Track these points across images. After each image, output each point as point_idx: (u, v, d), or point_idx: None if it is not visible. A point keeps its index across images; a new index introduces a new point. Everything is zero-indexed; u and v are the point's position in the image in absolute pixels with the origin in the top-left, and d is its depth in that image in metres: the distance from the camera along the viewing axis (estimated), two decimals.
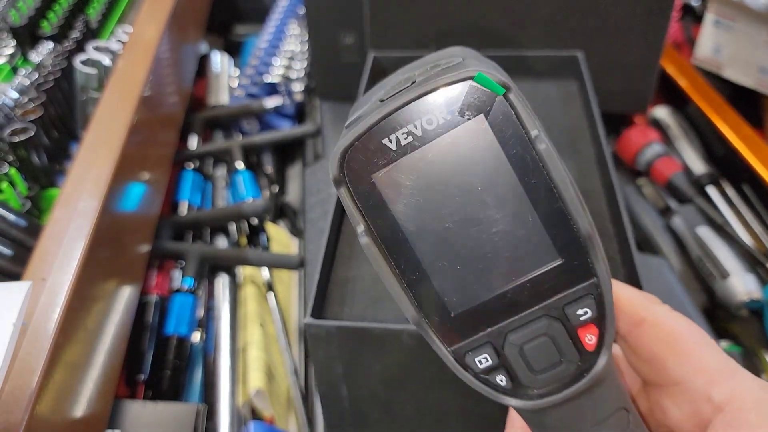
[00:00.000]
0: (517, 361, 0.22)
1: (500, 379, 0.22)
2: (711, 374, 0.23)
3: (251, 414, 0.50)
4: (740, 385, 0.23)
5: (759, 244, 0.62)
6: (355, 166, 0.21)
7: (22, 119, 0.55)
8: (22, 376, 0.34)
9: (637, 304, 0.25)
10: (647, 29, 0.64)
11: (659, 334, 0.24)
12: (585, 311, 0.21)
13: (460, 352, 0.22)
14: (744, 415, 0.22)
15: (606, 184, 0.48)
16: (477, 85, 0.20)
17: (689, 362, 0.24)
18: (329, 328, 0.38)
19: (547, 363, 0.22)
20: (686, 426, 0.24)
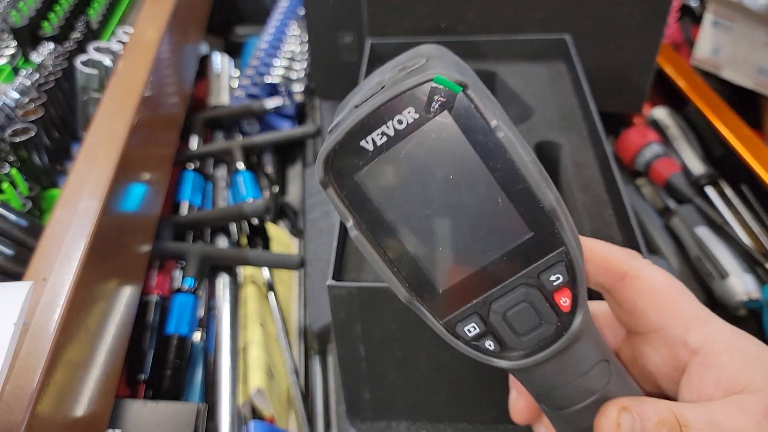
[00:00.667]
0: (502, 327, 0.25)
1: (488, 344, 0.25)
2: (687, 321, 0.26)
3: (252, 413, 0.51)
4: (713, 330, 0.26)
5: (757, 245, 0.63)
6: (338, 167, 0.23)
7: (23, 119, 0.55)
8: (23, 375, 0.35)
9: (620, 260, 0.27)
10: (644, 29, 0.64)
11: (640, 287, 0.26)
12: (557, 277, 0.24)
13: (451, 324, 0.25)
14: (717, 357, 0.25)
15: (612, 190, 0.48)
16: (437, 85, 0.22)
17: (667, 311, 0.26)
18: (350, 289, 0.40)
19: (529, 326, 0.24)
20: (665, 369, 0.27)
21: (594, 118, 0.51)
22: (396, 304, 0.40)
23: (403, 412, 0.48)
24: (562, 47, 0.60)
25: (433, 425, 0.47)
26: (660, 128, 0.77)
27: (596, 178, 0.49)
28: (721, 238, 0.63)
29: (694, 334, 0.25)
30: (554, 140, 0.52)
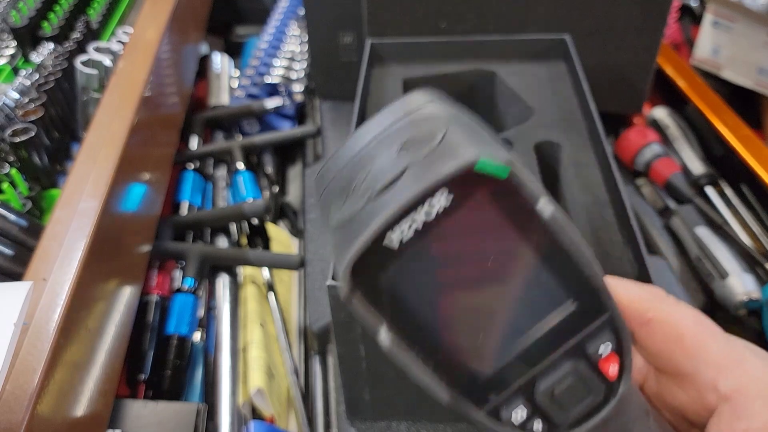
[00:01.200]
0: (550, 405, 0.23)
1: (537, 426, 0.23)
2: (717, 366, 0.24)
3: (252, 413, 0.51)
4: (746, 374, 0.24)
5: (758, 245, 0.63)
6: (363, 274, 0.20)
7: (23, 120, 0.56)
8: (23, 375, 0.35)
9: (644, 304, 0.25)
10: (644, 29, 0.64)
11: (667, 332, 0.25)
12: (605, 344, 0.22)
13: (496, 411, 0.23)
14: (749, 405, 0.23)
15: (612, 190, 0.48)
16: (481, 171, 0.19)
17: (696, 356, 0.24)
18: None
19: (576, 400, 0.23)
20: (694, 407, 0.25)
21: (594, 118, 0.51)
22: None
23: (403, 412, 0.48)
24: (562, 47, 0.60)
25: (433, 425, 0.47)
26: (660, 128, 0.77)
27: (596, 178, 0.49)
28: (721, 238, 0.63)
29: (725, 379, 0.24)
30: (554, 140, 0.52)
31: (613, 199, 0.47)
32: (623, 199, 0.44)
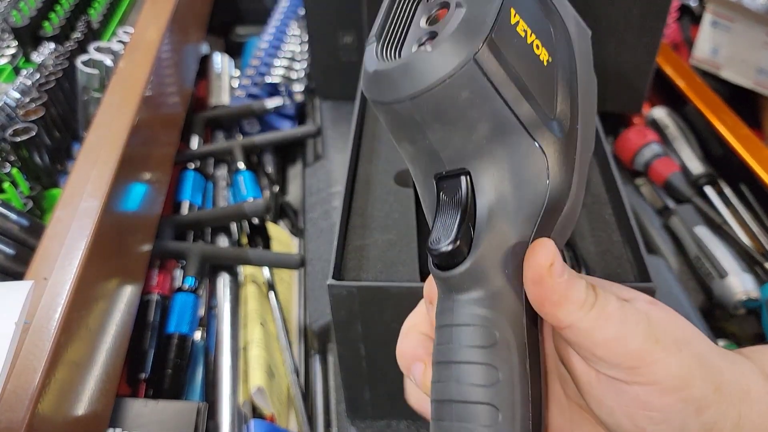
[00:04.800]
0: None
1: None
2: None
3: (252, 412, 0.51)
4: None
5: (756, 244, 0.63)
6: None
7: (24, 119, 0.56)
8: (24, 374, 0.35)
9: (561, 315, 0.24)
10: (643, 29, 0.64)
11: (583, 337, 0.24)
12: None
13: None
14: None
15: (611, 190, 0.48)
16: None
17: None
18: (350, 288, 0.40)
19: None
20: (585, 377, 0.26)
21: None
22: (396, 303, 0.41)
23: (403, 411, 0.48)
24: None
25: None
26: (659, 128, 0.77)
27: (596, 177, 0.49)
28: (720, 238, 0.63)
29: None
30: None
31: (613, 199, 0.47)
32: (622, 199, 0.44)
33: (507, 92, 0.22)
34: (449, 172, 0.24)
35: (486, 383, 0.23)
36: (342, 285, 0.40)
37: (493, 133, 0.22)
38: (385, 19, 0.23)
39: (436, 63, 0.21)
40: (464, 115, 0.22)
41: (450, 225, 0.24)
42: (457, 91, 0.21)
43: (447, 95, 0.21)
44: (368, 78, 0.22)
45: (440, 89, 0.21)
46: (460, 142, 0.22)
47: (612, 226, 0.46)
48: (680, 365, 0.24)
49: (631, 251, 0.43)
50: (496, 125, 0.22)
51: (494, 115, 0.22)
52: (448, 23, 0.21)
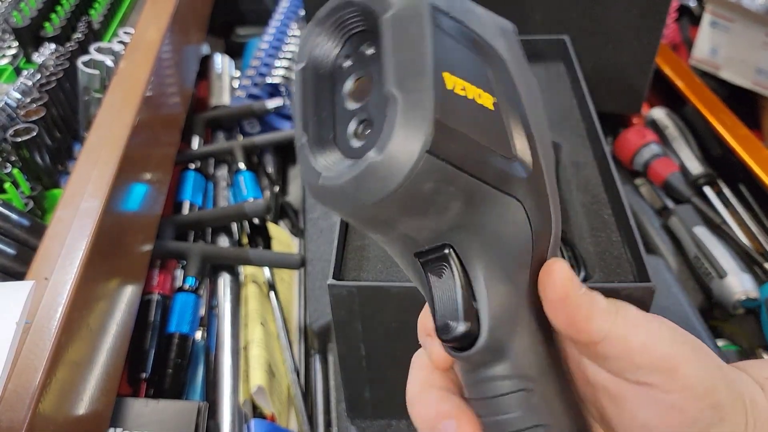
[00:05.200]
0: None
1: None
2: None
3: (252, 412, 0.51)
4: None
5: (755, 244, 0.63)
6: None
7: (24, 120, 0.56)
8: (25, 374, 0.35)
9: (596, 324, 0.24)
10: (642, 30, 0.64)
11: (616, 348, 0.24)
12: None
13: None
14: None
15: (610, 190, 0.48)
16: None
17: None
18: (351, 288, 0.40)
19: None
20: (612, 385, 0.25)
21: (593, 118, 0.51)
22: (396, 303, 0.41)
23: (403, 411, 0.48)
24: (561, 48, 0.60)
25: None
26: (658, 128, 0.77)
27: (595, 178, 0.50)
28: (720, 238, 0.63)
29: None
30: (553, 140, 0.52)
31: (612, 199, 0.47)
32: (622, 199, 0.45)
33: (469, 165, 0.20)
34: (430, 249, 0.23)
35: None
36: (342, 285, 0.40)
37: (466, 207, 0.21)
38: (305, 111, 0.22)
39: (389, 169, 0.19)
40: (432, 202, 0.20)
41: (451, 305, 0.23)
42: (419, 185, 0.19)
43: (409, 193, 0.19)
44: (317, 191, 0.21)
45: (401, 191, 0.19)
46: (434, 224, 0.21)
47: (611, 227, 0.46)
48: (706, 369, 0.23)
49: (630, 251, 0.43)
50: (467, 198, 0.21)
51: (462, 190, 0.21)
52: (386, 117, 0.19)
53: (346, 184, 0.20)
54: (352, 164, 0.20)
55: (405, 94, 0.19)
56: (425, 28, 0.20)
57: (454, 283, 0.23)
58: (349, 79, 0.22)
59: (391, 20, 0.20)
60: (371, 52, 0.21)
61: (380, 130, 0.19)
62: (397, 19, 0.20)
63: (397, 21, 0.20)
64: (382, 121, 0.19)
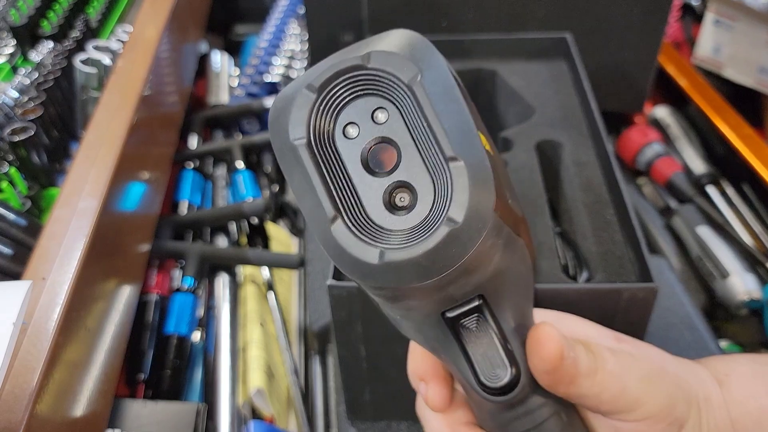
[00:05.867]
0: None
1: None
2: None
3: (251, 413, 0.51)
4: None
5: (759, 244, 0.62)
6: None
7: (22, 118, 0.55)
8: (23, 375, 0.34)
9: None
10: (645, 28, 0.64)
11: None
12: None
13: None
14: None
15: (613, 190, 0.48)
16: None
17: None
18: (351, 288, 0.39)
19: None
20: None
21: (595, 116, 0.51)
22: None
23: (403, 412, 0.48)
24: (563, 46, 0.60)
25: None
26: (661, 127, 0.77)
27: (597, 177, 0.49)
28: (723, 238, 0.63)
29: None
30: (555, 139, 0.52)
31: (615, 199, 0.47)
32: (624, 199, 0.44)
33: (506, 215, 0.21)
34: (463, 302, 0.23)
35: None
36: (342, 285, 0.40)
37: (502, 255, 0.22)
38: (325, 187, 0.20)
39: (468, 233, 0.19)
40: (487, 257, 0.21)
41: (493, 354, 0.23)
42: (486, 244, 0.20)
43: (477, 253, 0.20)
44: (376, 270, 0.19)
45: (474, 253, 0.19)
46: (478, 277, 0.22)
47: (614, 227, 0.45)
48: (666, 395, 0.26)
49: (633, 251, 0.43)
50: (504, 247, 0.22)
51: (504, 240, 0.21)
52: (452, 183, 0.19)
53: (424, 255, 0.19)
54: (417, 234, 0.19)
55: (467, 158, 0.19)
56: (456, 90, 0.20)
57: (490, 331, 0.23)
58: (363, 147, 0.21)
59: (424, 86, 0.20)
60: (383, 117, 0.20)
61: (442, 196, 0.19)
62: (431, 84, 0.20)
63: (431, 86, 0.20)
64: (429, 187, 0.20)
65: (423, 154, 0.20)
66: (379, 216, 0.20)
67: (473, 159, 0.19)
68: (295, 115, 0.20)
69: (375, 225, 0.20)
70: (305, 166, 0.20)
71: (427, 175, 0.20)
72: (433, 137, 0.19)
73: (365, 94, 0.21)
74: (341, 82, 0.21)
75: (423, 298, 0.22)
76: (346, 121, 0.21)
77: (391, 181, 0.20)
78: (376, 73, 0.20)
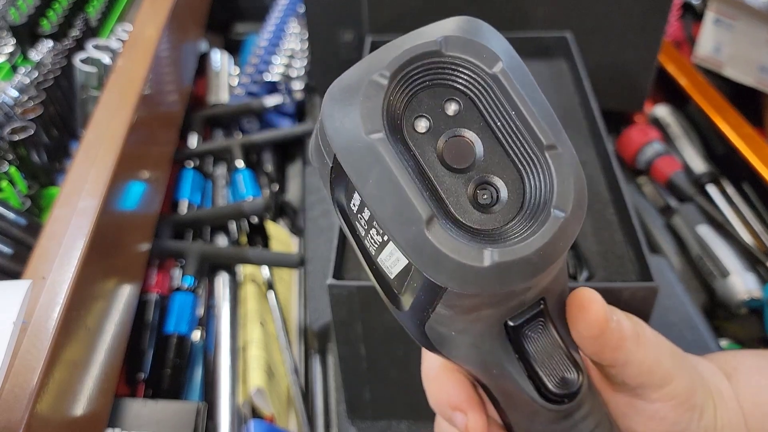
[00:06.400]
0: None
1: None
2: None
3: (251, 412, 0.50)
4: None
5: (759, 243, 0.62)
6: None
7: (22, 118, 0.55)
8: (23, 374, 0.34)
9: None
10: (645, 27, 0.64)
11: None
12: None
13: None
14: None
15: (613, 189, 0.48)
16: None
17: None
18: (351, 287, 0.40)
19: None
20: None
21: (595, 116, 0.51)
22: None
23: (403, 412, 0.48)
24: (564, 45, 0.60)
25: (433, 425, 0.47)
26: (661, 126, 0.77)
27: (597, 176, 0.49)
28: (723, 237, 0.63)
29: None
30: None
31: (615, 198, 0.47)
32: (624, 198, 0.44)
33: None
34: (529, 306, 0.21)
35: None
36: (342, 285, 0.40)
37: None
38: (414, 184, 0.18)
39: (573, 224, 0.18)
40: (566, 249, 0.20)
41: (559, 357, 0.22)
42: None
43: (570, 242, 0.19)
44: (485, 273, 0.18)
45: (571, 242, 0.19)
46: (552, 273, 0.21)
47: (614, 226, 0.45)
48: (689, 377, 0.26)
49: (633, 251, 0.43)
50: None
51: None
52: (553, 172, 0.18)
53: (537, 252, 0.18)
54: (520, 230, 0.18)
55: (562, 146, 0.18)
56: (531, 76, 0.19)
57: (553, 334, 0.22)
58: (438, 142, 0.19)
59: (509, 74, 0.18)
60: (455, 108, 0.19)
61: (539, 188, 0.18)
62: (513, 71, 0.19)
63: (514, 73, 0.19)
64: (516, 180, 0.18)
65: (506, 145, 0.19)
66: (468, 215, 0.19)
67: (566, 146, 0.19)
68: (366, 106, 0.18)
69: (469, 225, 0.19)
70: (387, 163, 0.17)
71: (511, 167, 0.19)
72: (522, 127, 0.18)
73: (434, 84, 0.19)
74: (413, 70, 0.19)
75: (499, 305, 0.20)
76: (415, 114, 0.19)
77: (473, 176, 0.19)
78: (452, 60, 0.19)
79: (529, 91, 0.19)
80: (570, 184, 0.18)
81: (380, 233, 0.19)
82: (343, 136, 0.18)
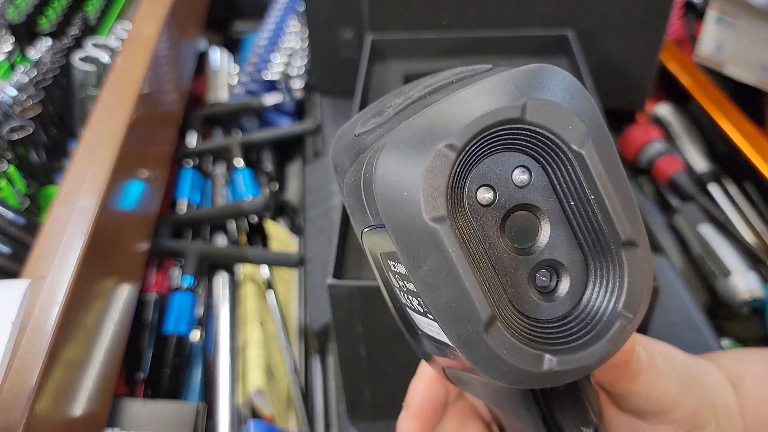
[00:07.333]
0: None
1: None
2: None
3: (251, 413, 0.50)
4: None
5: (761, 243, 0.62)
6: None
7: (20, 117, 0.55)
8: (21, 374, 0.34)
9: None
10: (647, 25, 0.63)
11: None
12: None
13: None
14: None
15: None
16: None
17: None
18: (351, 287, 0.39)
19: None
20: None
21: None
22: None
23: None
24: (565, 43, 0.60)
25: None
26: (663, 125, 0.76)
27: None
28: (725, 236, 0.62)
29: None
30: None
31: None
32: None
33: None
34: None
35: None
36: (342, 284, 0.39)
37: None
38: (484, 278, 0.16)
39: (635, 326, 0.17)
40: None
41: (580, 414, 0.21)
42: None
43: None
44: (536, 376, 0.16)
45: None
46: None
47: None
48: (695, 398, 0.25)
49: None
50: None
51: None
52: (631, 272, 0.16)
53: (597, 361, 0.16)
54: (578, 329, 0.17)
55: (639, 242, 0.17)
56: (616, 153, 0.17)
57: (578, 393, 0.21)
58: (502, 216, 0.17)
59: (595, 154, 0.16)
60: (524, 179, 0.17)
61: (606, 283, 0.17)
62: (600, 149, 0.16)
63: (602, 151, 0.16)
64: (579, 266, 0.17)
65: (578, 231, 0.17)
66: (526, 303, 0.17)
67: (643, 242, 0.17)
68: (430, 184, 0.15)
69: (528, 318, 0.17)
70: (449, 254, 0.15)
71: (576, 252, 0.17)
72: (600, 215, 0.16)
73: (505, 148, 0.17)
74: (485, 138, 0.16)
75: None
76: (479, 183, 0.17)
77: (535, 259, 0.17)
78: (533, 129, 0.16)
79: (613, 175, 0.17)
80: (642, 286, 0.17)
81: (424, 310, 0.17)
82: (398, 210, 0.16)
